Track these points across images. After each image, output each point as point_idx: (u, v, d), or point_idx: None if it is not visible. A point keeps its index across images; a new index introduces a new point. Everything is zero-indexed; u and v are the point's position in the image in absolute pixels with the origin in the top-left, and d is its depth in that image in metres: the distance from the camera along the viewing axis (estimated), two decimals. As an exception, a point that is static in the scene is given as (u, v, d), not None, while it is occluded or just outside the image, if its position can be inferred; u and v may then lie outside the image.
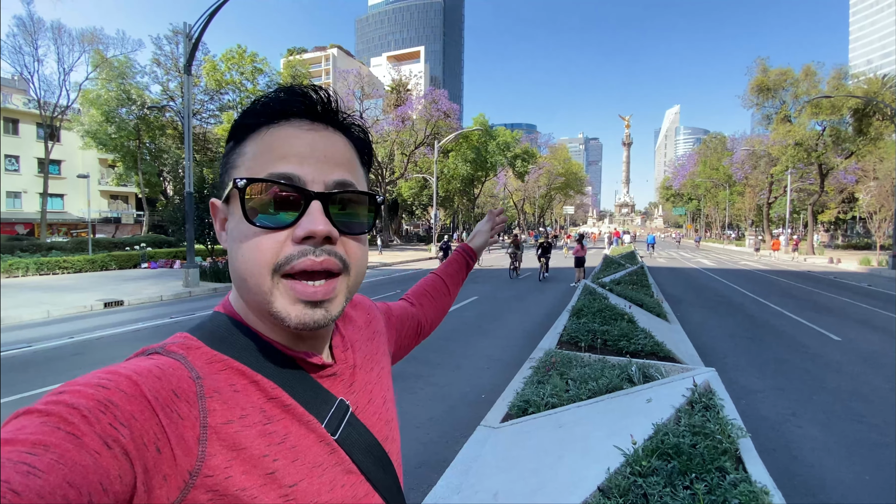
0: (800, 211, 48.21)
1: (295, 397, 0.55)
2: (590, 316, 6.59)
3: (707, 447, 2.43)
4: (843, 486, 3.36)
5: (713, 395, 3.23)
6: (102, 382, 0.42)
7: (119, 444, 0.39)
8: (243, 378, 0.53)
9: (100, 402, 0.40)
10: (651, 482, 2.21)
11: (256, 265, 0.51)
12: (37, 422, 0.37)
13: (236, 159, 0.56)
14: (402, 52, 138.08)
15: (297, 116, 0.55)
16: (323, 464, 0.54)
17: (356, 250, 0.56)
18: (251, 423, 0.50)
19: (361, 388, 0.66)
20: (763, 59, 34.67)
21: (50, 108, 25.65)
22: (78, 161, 34.18)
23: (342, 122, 0.59)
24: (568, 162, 69.23)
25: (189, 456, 0.44)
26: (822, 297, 13.05)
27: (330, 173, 0.54)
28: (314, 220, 0.51)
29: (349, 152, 0.58)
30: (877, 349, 7.24)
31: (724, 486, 2.15)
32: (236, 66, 30.26)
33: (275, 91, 0.56)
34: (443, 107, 37.14)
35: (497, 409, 3.90)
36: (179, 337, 0.54)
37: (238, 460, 0.47)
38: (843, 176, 34.70)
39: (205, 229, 14.77)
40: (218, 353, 0.53)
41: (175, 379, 0.47)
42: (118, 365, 0.46)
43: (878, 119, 28.53)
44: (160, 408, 0.43)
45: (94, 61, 26.13)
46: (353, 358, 0.68)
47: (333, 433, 0.57)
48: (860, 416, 4.63)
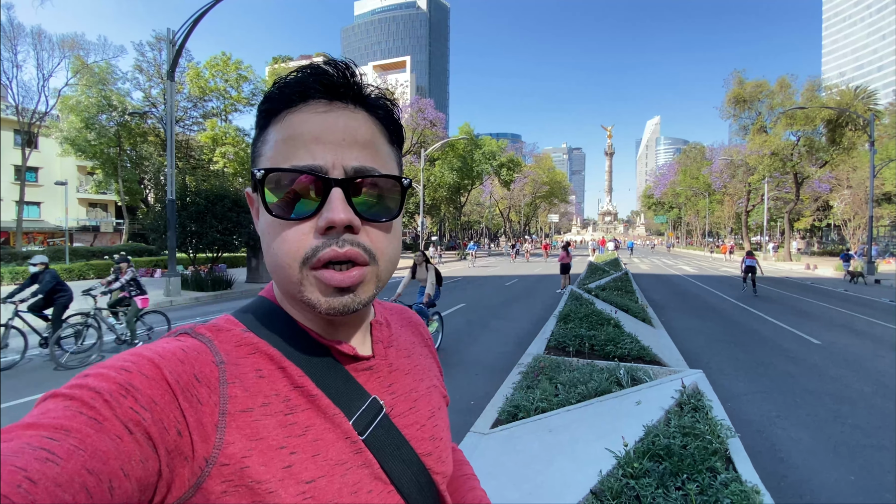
0: (777, 219, 49.47)
1: (322, 387, 0.53)
2: (577, 321, 6.62)
3: (697, 448, 2.44)
4: (829, 487, 3.40)
5: (701, 397, 3.25)
6: (126, 366, 0.42)
7: (141, 428, 0.39)
8: (271, 363, 0.51)
9: (121, 386, 0.40)
10: (643, 484, 2.20)
11: (284, 257, 0.50)
12: (61, 406, 0.38)
13: (261, 147, 0.54)
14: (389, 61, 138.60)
15: (316, 97, 0.52)
16: (347, 462, 0.50)
17: (382, 239, 0.53)
18: (273, 411, 0.48)
19: (403, 393, 0.61)
20: (739, 72, 35.69)
21: (28, 114, 25.09)
22: (56, 168, 33.41)
23: (365, 98, 0.55)
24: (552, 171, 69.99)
25: (206, 442, 0.43)
26: (800, 302, 13.34)
27: (350, 157, 0.51)
28: (334, 209, 0.49)
29: (372, 131, 0.54)
30: (856, 352, 7.40)
31: (716, 486, 2.15)
32: (220, 74, 30.05)
33: (294, 70, 0.53)
34: (429, 116, 37.35)
35: (487, 416, 3.87)
36: (222, 319, 0.55)
37: (257, 451, 0.45)
38: (818, 185, 35.80)
39: (187, 237, 14.49)
40: (249, 336, 0.52)
41: (198, 363, 0.46)
42: (145, 346, 0.46)
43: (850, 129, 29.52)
44: (180, 391, 0.43)
45: (75, 67, 25.70)
46: (397, 358, 0.64)
47: (361, 432, 0.53)
48: (843, 417, 4.71)
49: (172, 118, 13.47)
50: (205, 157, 30.81)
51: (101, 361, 0.43)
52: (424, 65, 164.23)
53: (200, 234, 14.47)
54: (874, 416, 4.74)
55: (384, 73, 59.44)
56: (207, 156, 30.46)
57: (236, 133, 30.14)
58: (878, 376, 6.11)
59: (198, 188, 16.34)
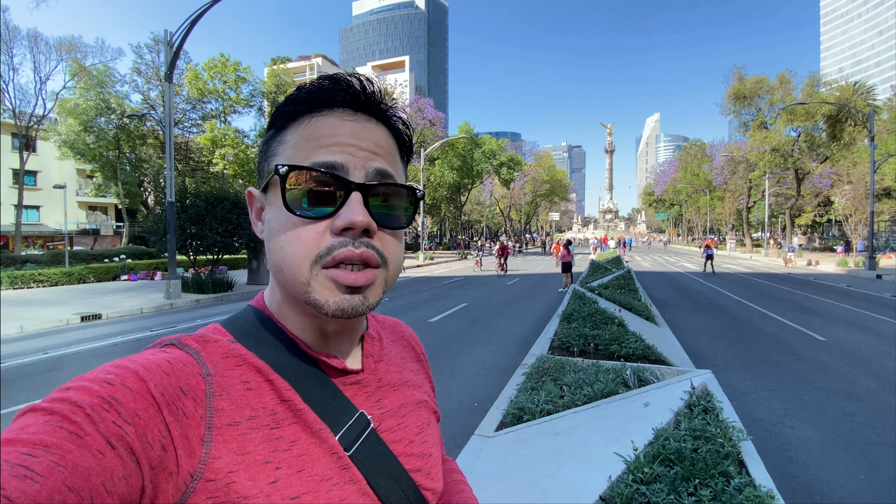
0: (778, 215, 49.38)
1: (309, 402, 0.52)
2: (580, 320, 6.56)
3: (709, 451, 2.38)
4: (841, 486, 3.35)
5: (711, 398, 3.19)
6: (109, 378, 0.41)
7: (124, 443, 0.38)
8: (258, 375, 0.51)
9: (104, 400, 0.39)
10: (654, 489, 2.14)
11: (296, 255, 0.50)
12: (41, 420, 0.37)
13: (277, 147, 0.54)
14: (387, 61, 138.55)
15: (340, 106, 0.54)
16: (333, 478, 0.50)
17: (393, 245, 0.55)
18: (259, 425, 0.48)
19: (392, 408, 0.61)
20: (739, 68, 35.66)
21: (26, 117, 25.04)
22: (55, 172, 33.36)
23: (384, 114, 0.58)
24: (552, 169, 69.85)
25: (192, 457, 0.43)
26: (803, 298, 13.27)
27: (370, 163, 0.53)
28: (354, 211, 0.50)
29: (390, 144, 0.57)
30: (862, 348, 7.34)
31: (730, 491, 2.09)
32: (219, 75, 29.96)
33: (318, 79, 0.55)
34: (428, 115, 37.27)
35: (491, 418, 3.81)
36: (209, 329, 0.54)
37: (244, 466, 0.45)
38: (819, 180, 35.68)
39: (186, 239, 14.44)
40: (237, 348, 0.52)
41: (184, 375, 0.46)
42: (130, 357, 0.45)
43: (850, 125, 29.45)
44: (165, 405, 0.42)
45: (72, 70, 25.64)
46: (386, 373, 0.63)
47: (348, 448, 0.52)
48: (852, 415, 4.65)
49: (171, 120, 13.41)
50: (204, 159, 30.73)
51: (82, 374, 0.42)
52: (423, 64, 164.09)
53: (200, 236, 14.42)
54: (882, 413, 4.69)
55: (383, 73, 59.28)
56: (207, 158, 30.37)
57: (236, 135, 30.05)
58: (885, 373, 6.05)
59: (197, 190, 16.28)
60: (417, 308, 11.39)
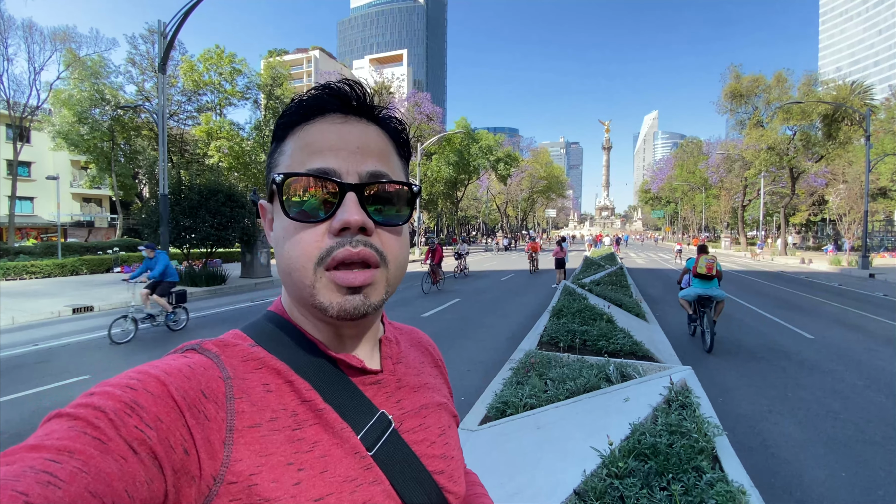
0: (773, 213, 49.55)
1: (329, 401, 0.53)
2: (570, 316, 6.58)
3: (684, 446, 2.40)
4: (820, 482, 3.38)
5: (690, 394, 3.22)
6: (131, 384, 0.42)
7: (146, 448, 0.38)
8: (278, 377, 0.52)
9: (126, 405, 0.40)
10: (627, 484, 2.17)
11: (299, 260, 0.51)
12: (65, 426, 0.38)
13: (278, 158, 0.56)
14: (385, 54, 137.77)
15: (332, 111, 0.55)
16: (356, 479, 0.50)
17: (393, 242, 0.55)
18: (280, 426, 0.48)
19: (412, 409, 0.61)
20: (736, 67, 35.58)
21: (20, 108, 24.78)
22: (48, 163, 33.07)
23: (377, 114, 0.59)
24: (549, 165, 69.85)
25: (213, 460, 0.43)
26: (795, 296, 13.36)
27: (363, 164, 0.54)
28: (349, 211, 0.51)
29: (383, 143, 0.58)
30: (850, 347, 7.40)
31: (701, 485, 2.11)
32: (214, 67, 29.65)
33: (311, 88, 0.56)
34: (426, 109, 37.15)
35: (476, 412, 3.83)
36: (230, 334, 0.55)
37: (266, 467, 0.45)
38: (814, 179, 35.80)
39: (180, 232, 14.37)
40: (257, 350, 0.53)
41: (204, 379, 0.47)
42: (151, 363, 0.46)
43: (846, 124, 29.47)
44: (187, 408, 0.43)
45: (67, 60, 25.32)
46: (405, 375, 0.64)
47: (370, 448, 0.52)
48: (836, 412, 4.70)
49: (165, 112, 13.31)
50: (199, 151, 30.49)
51: (106, 379, 0.43)
52: (421, 58, 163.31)
53: (194, 228, 14.35)
54: (866, 411, 4.74)
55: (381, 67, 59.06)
56: (202, 150, 30.12)
57: (231, 127, 29.81)
58: (871, 371, 6.11)
59: (191, 183, 16.18)
60: (409, 304, 11.42)
